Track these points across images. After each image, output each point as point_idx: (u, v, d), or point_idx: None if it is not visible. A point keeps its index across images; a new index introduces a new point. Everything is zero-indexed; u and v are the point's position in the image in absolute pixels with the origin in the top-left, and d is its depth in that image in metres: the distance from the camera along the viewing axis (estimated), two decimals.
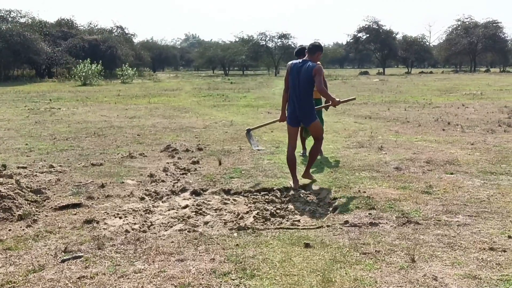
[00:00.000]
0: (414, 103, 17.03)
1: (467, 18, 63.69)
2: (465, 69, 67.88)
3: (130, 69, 39.06)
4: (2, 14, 43.05)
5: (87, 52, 42.78)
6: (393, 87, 27.36)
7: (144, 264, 3.53)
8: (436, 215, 4.62)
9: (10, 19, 42.70)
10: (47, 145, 8.79)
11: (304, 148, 8.24)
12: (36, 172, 6.51)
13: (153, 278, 3.29)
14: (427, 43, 72.11)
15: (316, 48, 5.85)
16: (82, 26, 55.43)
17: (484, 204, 4.94)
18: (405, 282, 3.20)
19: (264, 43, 61.90)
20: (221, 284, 3.18)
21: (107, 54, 45.43)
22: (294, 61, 5.86)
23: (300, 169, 6.36)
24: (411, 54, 64.01)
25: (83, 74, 33.08)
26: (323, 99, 8.19)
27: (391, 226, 4.34)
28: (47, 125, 11.66)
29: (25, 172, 6.45)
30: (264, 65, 65.88)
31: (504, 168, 6.58)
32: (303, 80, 5.69)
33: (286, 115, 6.00)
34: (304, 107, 5.78)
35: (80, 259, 3.63)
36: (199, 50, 72.50)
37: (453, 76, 44.42)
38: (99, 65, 35.27)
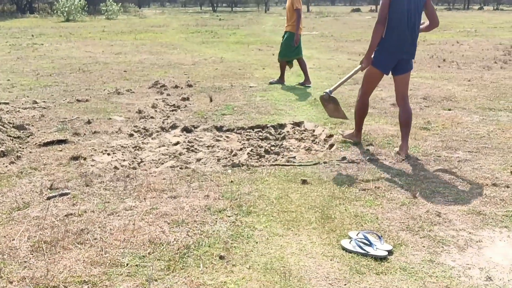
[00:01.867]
0: None
1: None
2: (458, 6, 66.50)
3: (115, 4, 37.56)
4: None
5: None
6: None
7: (135, 201, 3.37)
8: (435, 151, 4.48)
9: None
10: (30, 81, 8.42)
11: (282, 77, 8.24)
12: (19, 108, 6.22)
13: (145, 215, 3.14)
14: None
15: None
16: None
17: (484, 140, 4.81)
18: (407, 218, 3.09)
19: None
20: (216, 221, 3.04)
21: None
22: None
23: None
24: None
25: (66, 9, 31.73)
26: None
27: (390, 162, 4.20)
28: (29, 61, 11.18)
29: (7, 108, 6.16)
30: (253, 1, 63.87)
31: (502, 104, 6.43)
32: (418, 8, 4.19)
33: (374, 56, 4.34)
34: (415, 42, 4.31)
35: (67, 196, 3.45)
36: None
37: (447, 14, 43.50)
38: (82, 0, 33.83)
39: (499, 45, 14.57)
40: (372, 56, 4.33)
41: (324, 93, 4.77)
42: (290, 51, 8.09)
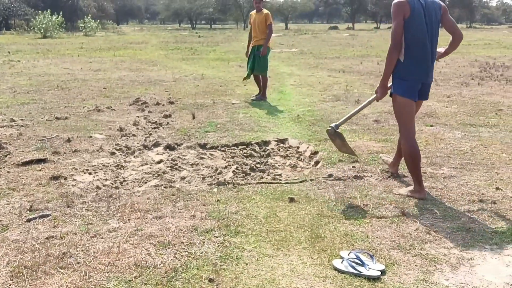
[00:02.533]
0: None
1: None
2: None
3: (93, 21, 37.43)
4: None
5: (47, 3, 40.73)
6: (364, 42, 27.16)
7: (119, 222, 3.26)
8: (421, 167, 4.48)
9: None
10: (6, 99, 8.22)
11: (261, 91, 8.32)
12: None
13: (130, 237, 3.04)
14: None
15: None
16: None
17: (467, 156, 4.84)
18: (398, 236, 3.05)
19: None
20: (204, 242, 2.96)
21: (67, 5, 43.40)
22: None
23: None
24: (381, 8, 63.65)
25: (43, 26, 31.48)
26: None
27: (376, 179, 4.19)
28: (6, 78, 10.96)
29: None
30: (232, 18, 64.42)
31: (482, 120, 6.52)
32: (436, 23, 3.76)
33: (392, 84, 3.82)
34: (433, 64, 3.84)
35: (48, 218, 3.33)
36: (165, 2, 69.94)
37: None
38: (59, 16, 33.59)
39: (475, 62, 14.91)
40: (392, 84, 3.81)
41: (330, 128, 4.23)
42: (267, 63, 8.28)
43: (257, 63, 8.24)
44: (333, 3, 67.35)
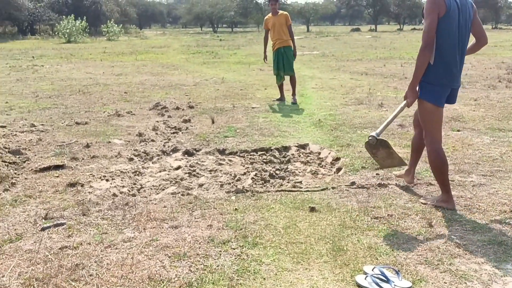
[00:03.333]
0: (410, 59, 16.55)
1: None
2: None
3: (116, 25, 37.86)
4: None
5: (71, 8, 41.37)
6: (387, 44, 26.78)
7: (134, 232, 3.17)
8: (448, 175, 4.29)
9: None
10: (28, 103, 8.28)
11: (282, 95, 8.55)
12: (16, 131, 6.06)
13: (145, 247, 2.94)
14: None
15: None
16: None
17: (497, 163, 4.62)
18: (425, 250, 2.88)
19: None
20: (220, 254, 2.84)
21: (91, 10, 43.94)
22: None
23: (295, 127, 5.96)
24: (404, 10, 62.88)
25: (67, 31, 31.94)
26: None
27: (401, 187, 4.01)
28: (29, 83, 11.07)
29: (4, 131, 5.99)
30: (253, 21, 64.36)
31: (511, 125, 6.26)
32: (469, 25, 3.49)
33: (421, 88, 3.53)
34: (462, 68, 3.59)
35: (63, 226, 3.26)
36: (187, 6, 70.45)
37: None
38: (83, 21, 34.07)
39: (502, 63, 14.50)
40: (419, 88, 3.53)
41: (370, 138, 3.72)
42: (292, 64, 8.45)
43: (286, 64, 8.35)
44: (355, 5, 66.80)
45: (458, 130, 5.99)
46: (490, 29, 51.50)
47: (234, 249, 2.91)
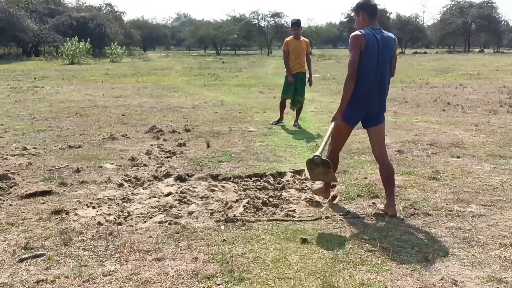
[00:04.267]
0: (411, 83, 16.52)
1: None
2: (459, 49, 67.33)
3: (119, 47, 38.14)
4: None
5: (75, 30, 41.63)
6: None
7: (115, 265, 3.03)
8: (446, 204, 4.15)
9: None
10: (24, 126, 8.20)
11: (282, 116, 8.56)
12: (7, 154, 5.95)
13: (124, 282, 2.79)
14: (421, 23, 71.46)
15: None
16: (69, 3, 54.30)
17: (498, 192, 4.47)
18: (420, 287, 2.73)
19: (256, 22, 60.97)
20: None
21: (95, 32, 44.24)
22: (370, 31, 3.88)
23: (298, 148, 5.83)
24: (405, 34, 63.34)
25: (71, 52, 32.14)
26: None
27: (398, 217, 3.86)
28: (27, 104, 11.02)
29: None
30: (256, 44, 64.90)
31: None
32: (389, 58, 4.00)
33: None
34: (385, 96, 4.10)
35: (41, 258, 3.12)
36: (190, 29, 71.09)
37: (448, 57, 43.92)
38: (87, 43, 34.32)
39: (503, 88, 14.42)
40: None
41: (316, 157, 4.02)
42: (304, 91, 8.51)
43: (300, 89, 8.38)
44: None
45: (458, 157, 5.85)
46: (492, 53, 51.73)
47: (218, 285, 2.76)
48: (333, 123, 4.10)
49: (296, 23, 8.42)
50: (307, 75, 8.51)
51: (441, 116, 9.23)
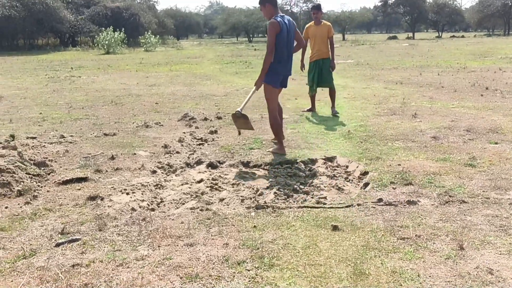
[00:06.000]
0: (448, 68, 16.07)
1: None
2: (498, 32, 64.98)
3: (153, 37, 38.53)
4: None
5: (110, 20, 42.35)
6: (424, 51, 26.16)
7: (148, 250, 3.09)
8: (483, 191, 4.03)
9: None
10: (61, 114, 8.42)
11: (313, 105, 8.54)
12: (45, 142, 6.13)
13: (156, 266, 2.84)
14: (459, 6, 69.21)
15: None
16: None
17: None
18: (454, 276, 2.67)
19: (289, 8, 60.36)
20: (234, 276, 2.71)
21: (130, 22, 44.87)
22: (280, 17, 5.34)
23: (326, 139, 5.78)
24: (442, 17, 61.52)
25: (106, 42, 32.73)
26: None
27: (432, 205, 3.78)
28: (64, 94, 11.31)
29: (33, 142, 6.07)
30: None
31: None
32: (293, 37, 5.57)
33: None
34: (291, 62, 5.68)
35: (77, 242, 3.21)
36: (223, 16, 71.14)
37: (487, 40, 42.47)
38: (122, 33, 34.85)
39: None
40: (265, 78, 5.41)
41: (237, 112, 5.58)
42: (331, 76, 8.32)
43: (325, 76, 8.18)
44: (392, 12, 65.75)
45: (496, 143, 5.67)
46: None
47: (248, 270, 2.77)
48: (253, 89, 5.56)
49: (315, 7, 8.15)
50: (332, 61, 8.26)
51: (479, 101, 8.95)
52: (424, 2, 61.56)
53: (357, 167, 4.94)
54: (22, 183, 4.30)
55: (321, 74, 8.17)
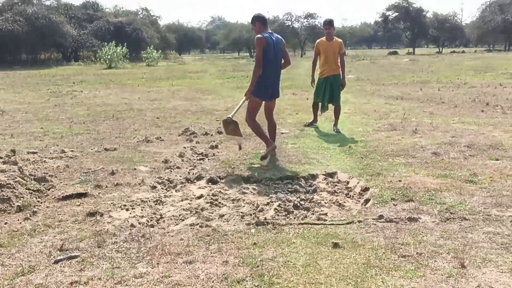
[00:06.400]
0: (448, 83, 16.12)
1: None
2: (499, 48, 65.28)
3: (155, 51, 38.77)
4: None
5: (113, 35, 42.71)
6: (424, 67, 26.26)
7: (147, 267, 3.06)
8: (484, 208, 4.01)
9: (35, 2, 42.72)
10: (62, 129, 8.44)
11: (316, 118, 8.53)
12: (45, 157, 6.13)
13: (155, 284, 2.82)
14: (459, 21, 69.67)
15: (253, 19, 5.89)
16: (107, 8, 55.50)
17: None
18: None
19: (290, 23, 60.81)
20: None
21: (132, 37, 45.24)
22: (267, 34, 5.68)
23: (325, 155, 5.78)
24: (443, 32, 61.90)
25: (108, 57, 32.92)
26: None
27: (433, 221, 3.76)
28: (66, 108, 11.35)
29: (34, 157, 6.08)
30: (289, 46, 64.76)
31: None
32: (280, 52, 5.84)
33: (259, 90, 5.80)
34: (279, 78, 6.01)
35: (76, 259, 3.19)
36: (224, 31, 71.69)
37: (487, 55, 42.65)
38: (124, 47, 35.07)
39: None
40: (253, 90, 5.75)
41: (228, 118, 5.92)
42: (340, 93, 8.25)
43: (334, 93, 8.09)
44: (393, 28, 66.18)
45: (497, 159, 5.65)
46: None
47: None
48: (244, 98, 5.90)
49: (328, 23, 8.09)
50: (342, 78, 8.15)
51: (480, 117, 8.96)
52: (424, 18, 61.97)
53: (358, 183, 4.93)
54: (22, 198, 4.29)
55: (331, 91, 8.08)
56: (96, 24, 45.49)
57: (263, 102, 5.97)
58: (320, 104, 8.35)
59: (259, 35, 5.59)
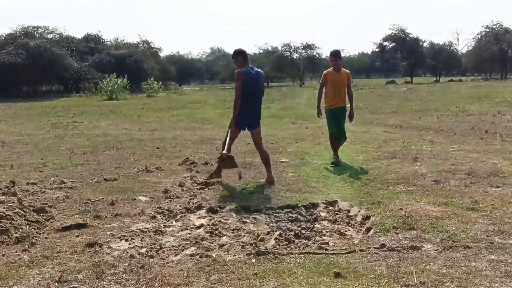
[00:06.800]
0: (447, 111, 16.22)
1: (495, 24, 61.95)
2: (496, 76, 65.94)
3: (156, 82, 39.12)
4: (30, 31, 43.76)
5: (114, 67, 43.18)
6: (423, 96, 26.47)
7: None
8: (487, 236, 3.98)
9: (37, 35, 43.35)
10: (62, 160, 8.43)
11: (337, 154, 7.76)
12: (45, 188, 6.11)
13: None
14: (455, 50, 70.64)
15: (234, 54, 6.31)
16: (108, 41, 56.17)
17: None
18: None
19: (288, 54, 61.60)
20: None
21: (133, 68, 45.70)
22: (247, 68, 6.11)
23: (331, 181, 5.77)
24: (440, 62, 62.66)
25: (109, 88, 33.19)
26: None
27: (435, 250, 3.72)
28: (66, 139, 11.37)
29: (33, 188, 6.06)
30: (288, 76, 65.51)
31: None
32: (259, 86, 6.28)
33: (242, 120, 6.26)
34: (259, 109, 6.46)
35: None
36: (224, 62, 72.53)
37: (484, 84, 43.06)
38: (125, 79, 35.41)
39: None
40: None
41: (224, 153, 6.15)
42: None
43: (342, 125, 7.80)
44: (390, 57, 67.07)
45: (498, 186, 5.64)
46: None
47: None
48: (228, 130, 6.37)
49: (335, 54, 7.74)
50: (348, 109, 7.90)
51: (479, 144, 8.98)
52: (421, 47, 62.82)
53: (359, 211, 4.90)
54: (20, 229, 4.26)
55: (338, 122, 7.77)
56: (97, 56, 46.06)
57: (241, 131, 6.39)
58: (337, 138, 7.82)
59: (238, 70, 6.05)
